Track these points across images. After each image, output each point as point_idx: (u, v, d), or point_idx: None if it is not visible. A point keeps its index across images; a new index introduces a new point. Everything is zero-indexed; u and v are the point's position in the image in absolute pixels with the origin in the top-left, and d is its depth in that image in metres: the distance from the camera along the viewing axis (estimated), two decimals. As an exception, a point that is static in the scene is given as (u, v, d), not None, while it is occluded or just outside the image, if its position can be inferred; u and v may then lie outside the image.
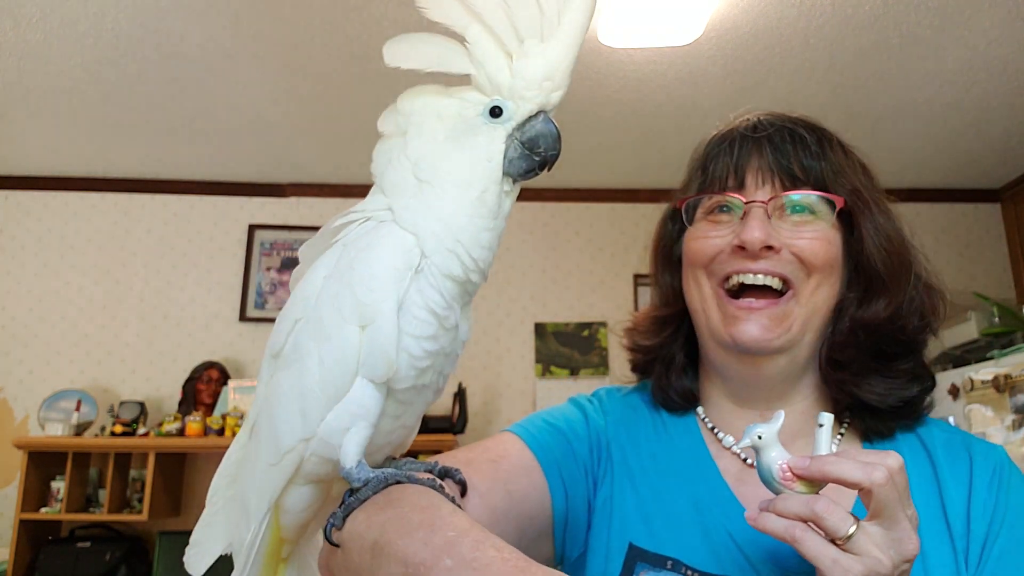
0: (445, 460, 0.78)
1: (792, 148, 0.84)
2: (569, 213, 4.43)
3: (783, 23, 2.85)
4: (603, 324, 4.27)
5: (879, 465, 0.62)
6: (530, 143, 0.65)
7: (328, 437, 0.63)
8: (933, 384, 0.86)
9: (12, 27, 2.83)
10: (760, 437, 0.67)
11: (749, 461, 0.85)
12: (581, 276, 4.36)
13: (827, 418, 0.67)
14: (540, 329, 4.26)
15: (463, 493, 0.73)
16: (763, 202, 0.82)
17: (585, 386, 4.12)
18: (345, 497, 0.64)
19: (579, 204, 4.44)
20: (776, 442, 0.67)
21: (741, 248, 0.81)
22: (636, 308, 4.32)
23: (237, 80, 3.23)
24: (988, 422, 2.62)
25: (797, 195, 0.82)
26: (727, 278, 0.83)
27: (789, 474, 0.66)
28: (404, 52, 0.66)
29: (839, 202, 0.82)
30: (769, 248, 0.81)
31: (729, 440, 0.88)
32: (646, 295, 4.40)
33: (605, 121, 3.60)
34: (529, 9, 0.61)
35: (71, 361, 4.05)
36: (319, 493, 0.68)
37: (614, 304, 4.31)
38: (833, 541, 0.62)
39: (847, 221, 0.84)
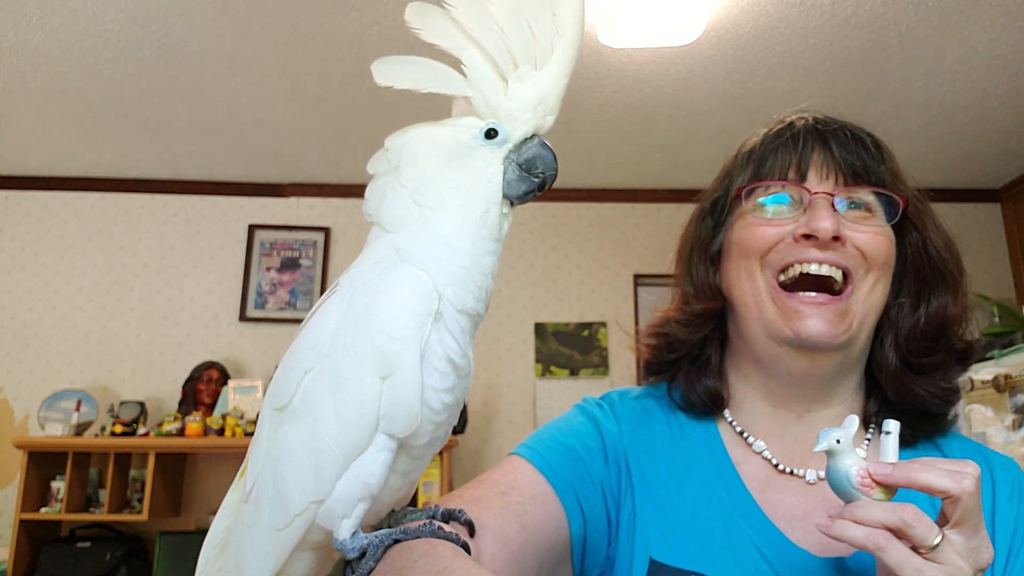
0: (451, 501, 0.74)
1: (856, 147, 0.84)
2: (569, 213, 4.43)
3: (783, 23, 2.85)
4: (603, 324, 4.27)
5: (967, 474, 0.62)
6: (527, 164, 0.66)
7: (335, 506, 0.59)
8: (960, 393, 0.87)
9: (12, 27, 2.83)
10: (839, 441, 0.65)
11: (781, 467, 0.84)
12: (581, 276, 4.36)
13: (894, 425, 0.66)
14: (540, 329, 4.25)
15: (472, 533, 0.68)
16: (829, 193, 0.82)
17: (585, 386, 4.12)
18: (346, 573, 0.60)
19: (579, 204, 4.44)
20: (852, 447, 0.65)
21: (806, 238, 0.80)
22: (636, 308, 4.32)
23: (237, 80, 3.23)
24: (988, 422, 2.62)
25: (866, 190, 0.83)
26: (783, 269, 0.82)
27: (868, 480, 0.64)
28: (394, 72, 0.65)
29: (904, 202, 0.84)
30: (836, 239, 0.80)
31: (760, 444, 0.85)
32: (646, 295, 4.41)
33: (605, 121, 3.60)
34: (523, 35, 0.62)
35: (71, 361, 4.05)
36: (321, 559, 0.64)
37: (614, 304, 4.31)
38: (915, 550, 0.62)
39: (897, 227, 0.85)
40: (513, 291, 4.29)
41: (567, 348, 4.23)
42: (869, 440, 0.86)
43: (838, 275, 0.80)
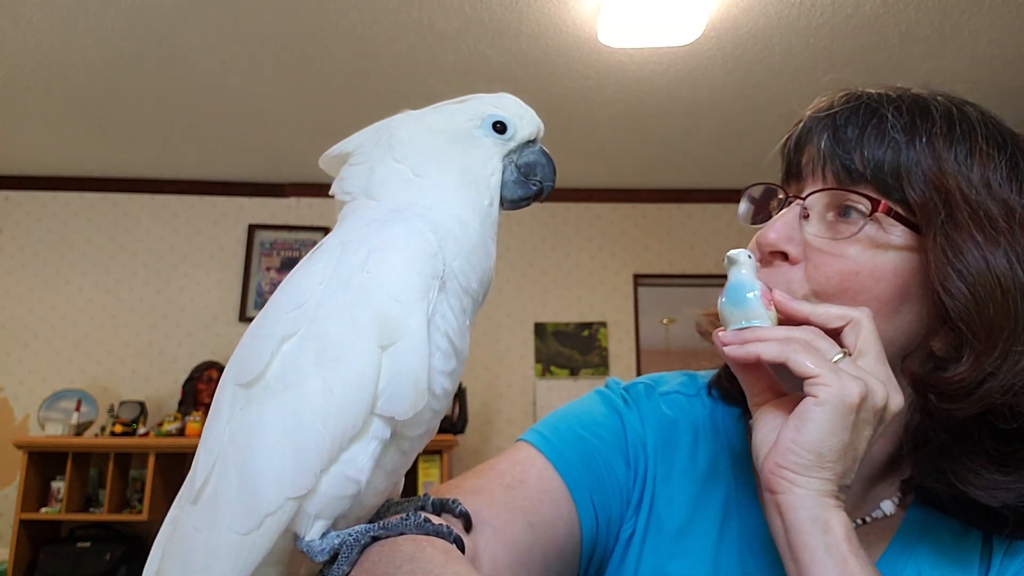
0: (448, 490, 0.65)
1: (858, 133, 0.64)
2: (569, 213, 4.43)
3: (783, 23, 2.85)
4: (603, 324, 4.27)
5: (862, 308, 0.59)
6: (527, 168, 0.63)
7: (309, 504, 0.49)
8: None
9: (12, 27, 2.82)
10: (749, 257, 0.62)
11: None
12: (581, 276, 4.36)
13: (742, 254, 0.63)
14: (540, 329, 4.25)
15: (468, 528, 0.59)
16: (800, 199, 0.66)
17: (585, 386, 4.12)
18: None
19: (579, 204, 4.44)
20: (755, 269, 0.63)
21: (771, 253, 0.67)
22: (636, 308, 4.33)
23: (237, 80, 3.23)
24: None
25: (830, 192, 0.65)
26: None
27: (769, 297, 0.61)
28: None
29: (881, 206, 0.62)
30: (784, 257, 0.65)
31: None
32: (646, 295, 4.41)
33: (605, 121, 3.59)
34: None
35: (71, 361, 4.05)
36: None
37: (614, 304, 4.31)
38: None
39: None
40: (513, 291, 4.29)
41: (567, 348, 4.23)
42: (901, 498, 0.70)
43: None
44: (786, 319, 0.61)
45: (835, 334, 0.60)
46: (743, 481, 0.75)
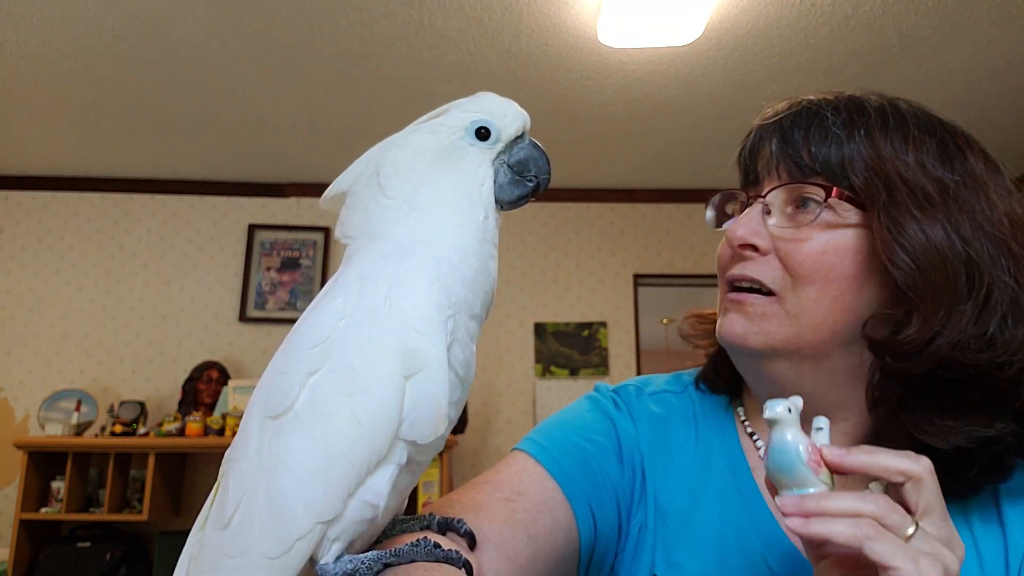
0: (450, 507, 0.67)
1: (803, 134, 0.72)
2: (569, 213, 4.43)
3: (783, 23, 2.85)
4: (603, 324, 4.27)
5: (922, 457, 0.55)
6: (519, 166, 0.62)
7: (330, 528, 0.51)
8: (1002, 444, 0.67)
9: (12, 27, 2.83)
10: (789, 411, 0.55)
11: None
12: (581, 276, 4.36)
13: (824, 421, 0.58)
14: (540, 329, 4.26)
15: (472, 545, 0.62)
16: (760, 197, 0.73)
17: (585, 386, 4.12)
18: None
19: (579, 204, 4.44)
20: (799, 422, 0.56)
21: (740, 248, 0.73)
22: (636, 308, 4.33)
23: (237, 80, 3.23)
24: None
25: (789, 186, 0.72)
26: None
27: (818, 457, 0.54)
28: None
29: (834, 192, 0.69)
30: (754, 249, 0.72)
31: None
32: (646, 295, 4.41)
33: (605, 121, 3.59)
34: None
35: (71, 361, 4.06)
36: None
37: (614, 304, 4.32)
38: None
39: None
40: (513, 291, 4.29)
41: (567, 348, 4.23)
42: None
43: (761, 288, 0.72)
44: (841, 473, 0.58)
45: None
46: (738, 467, 0.78)
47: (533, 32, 2.88)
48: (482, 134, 0.61)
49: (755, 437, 0.80)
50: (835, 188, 0.69)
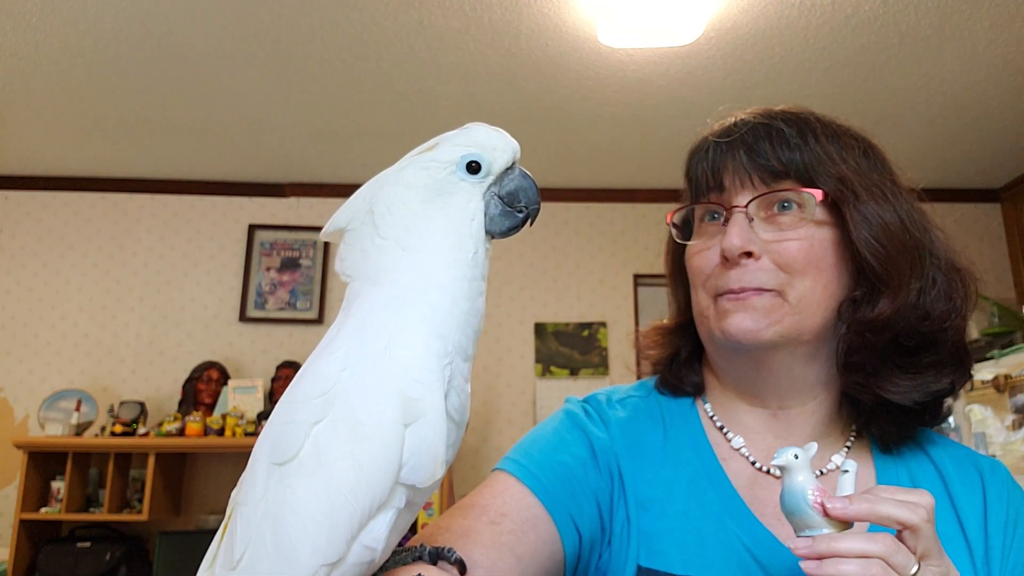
0: (438, 533, 0.71)
1: (768, 144, 0.80)
2: (569, 213, 4.43)
3: (783, 23, 2.85)
4: (603, 324, 4.27)
5: (921, 505, 0.60)
6: (510, 197, 0.64)
7: (335, 574, 0.54)
8: (967, 372, 0.81)
9: (12, 27, 2.83)
10: (796, 457, 0.62)
11: (758, 465, 0.83)
12: (581, 276, 4.36)
13: (852, 465, 0.64)
14: (540, 329, 4.26)
15: (463, 572, 0.65)
16: (742, 207, 0.80)
17: (585, 386, 4.12)
18: None
19: (579, 204, 4.44)
20: (809, 467, 0.63)
21: (727, 260, 0.79)
22: (636, 308, 4.33)
23: (237, 80, 3.23)
24: (988, 422, 2.62)
25: (771, 194, 0.80)
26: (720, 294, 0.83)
27: (821, 501, 0.61)
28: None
29: (818, 195, 0.78)
30: (749, 255, 0.78)
31: (739, 441, 0.85)
32: (646, 295, 4.41)
33: (605, 121, 3.59)
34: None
35: (71, 361, 4.06)
36: None
37: (614, 304, 4.32)
38: None
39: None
40: (513, 291, 4.29)
41: (567, 348, 4.23)
42: (849, 447, 0.85)
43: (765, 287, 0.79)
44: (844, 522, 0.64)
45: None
46: (706, 458, 0.84)
47: (533, 32, 2.89)
48: (473, 167, 0.62)
49: (725, 429, 0.86)
50: (819, 190, 0.78)
